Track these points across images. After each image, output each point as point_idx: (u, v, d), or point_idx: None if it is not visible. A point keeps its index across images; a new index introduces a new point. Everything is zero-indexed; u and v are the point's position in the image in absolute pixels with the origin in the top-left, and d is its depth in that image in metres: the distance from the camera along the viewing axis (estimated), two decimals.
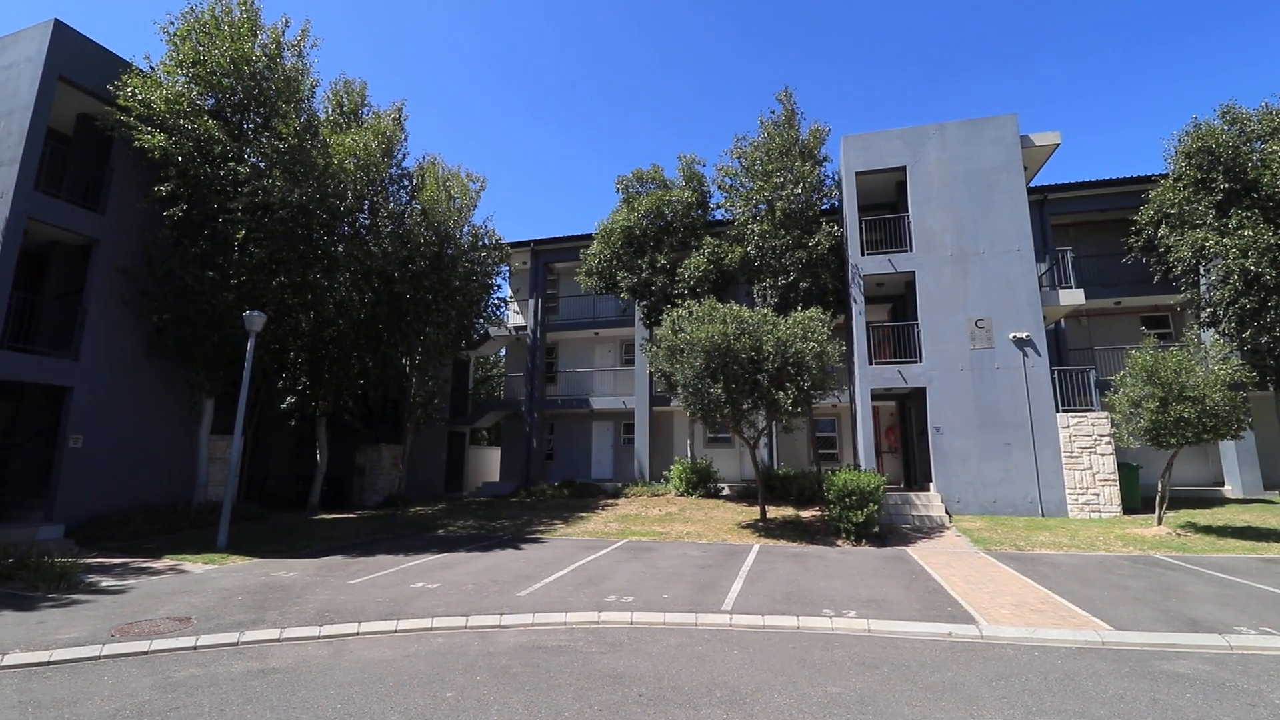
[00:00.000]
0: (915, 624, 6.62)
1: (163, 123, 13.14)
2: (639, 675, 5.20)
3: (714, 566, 9.72)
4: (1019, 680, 5.10)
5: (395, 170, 18.55)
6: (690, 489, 17.89)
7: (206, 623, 6.71)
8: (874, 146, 16.96)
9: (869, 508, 11.75)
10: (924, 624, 6.62)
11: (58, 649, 5.78)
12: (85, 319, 12.94)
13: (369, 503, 19.71)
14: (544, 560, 10.34)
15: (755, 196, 17.58)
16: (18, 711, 4.49)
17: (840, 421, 20.82)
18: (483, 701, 4.63)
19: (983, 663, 5.55)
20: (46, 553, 9.59)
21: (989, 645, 6.09)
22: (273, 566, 10.02)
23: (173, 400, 14.46)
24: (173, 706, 4.57)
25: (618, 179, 20.35)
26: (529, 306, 23.90)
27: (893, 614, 7.00)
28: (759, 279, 17.69)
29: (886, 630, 6.51)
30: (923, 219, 16.13)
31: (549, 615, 6.97)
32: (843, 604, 7.42)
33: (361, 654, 5.83)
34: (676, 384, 13.18)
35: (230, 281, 13.70)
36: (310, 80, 15.55)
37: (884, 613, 7.04)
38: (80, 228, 13.02)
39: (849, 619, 6.79)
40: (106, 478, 12.99)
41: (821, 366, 12.81)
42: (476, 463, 29.38)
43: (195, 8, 14.13)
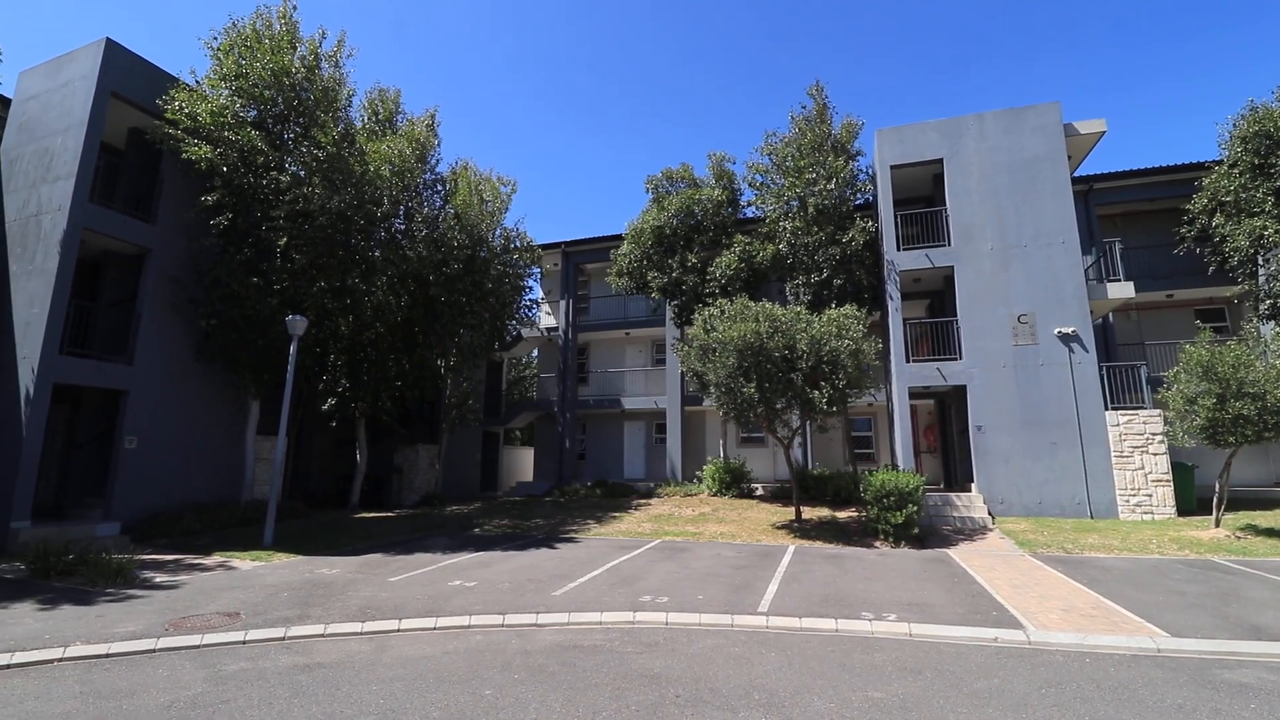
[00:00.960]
0: (959, 628, 6.45)
1: (208, 135, 13.61)
2: (676, 676, 5.17)
3: (749, 567, 9.63)
4: (1070, 688, 4.92)
5: (429, 176, 18.89)
6: (723, 489, 17.78)
7: (254, 618, 6.92)
8: (909, 139, 16.59)
9: (908, 509, 11.49)
10: (968, 628, 6.44)
11: (115, 642, 6.02)
12: (139, 325, 13.49)
13: (407, 502, 20.10)
14: (578, 560, 10.39)
15: (787, 193, 17.37)
16: (80, 702, 4.70)
17: (877, 421, 20.44)
18: (521, 700, 4.67)
19: (1031, 669, 5.37)
20: (104, 549, 10.02)
21: (1037, 651, 5.89)
22: (316, 564, 10.29)
23: (220, 403, 14.97)
24: (223, 699, 4.72)
25: (647, 179, 20.36)
26: (560, 307, 24.07)
27: (935, 618, 6.82)
28: (791, 276, 17.47)
29: (929, 634, 6.36)
30: (961, 212, 15.72)
31: (584, 615, 6.99)
32: (882, 607, 7.27)
33: (403, 650, 5.93)
34: (709, 383, 13.10)
35: (273, 287, 14.12)
36: (347, 90, 15.96)
37: (926, 616, 6.87)
38: (133, 237, 13.57)
39: (889, 622, 6.64)
40: (159, 477, 13.51)
41: (857, 364, 12.58)
42: (510, 463, 29.72)
43: (237, 23, 14.60)
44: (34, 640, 6.05)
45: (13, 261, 12.77)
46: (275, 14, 14.90)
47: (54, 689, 4.97)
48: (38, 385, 11.66)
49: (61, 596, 7.87)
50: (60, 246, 12.15)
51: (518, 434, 35.19)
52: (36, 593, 8.07)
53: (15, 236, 12.93)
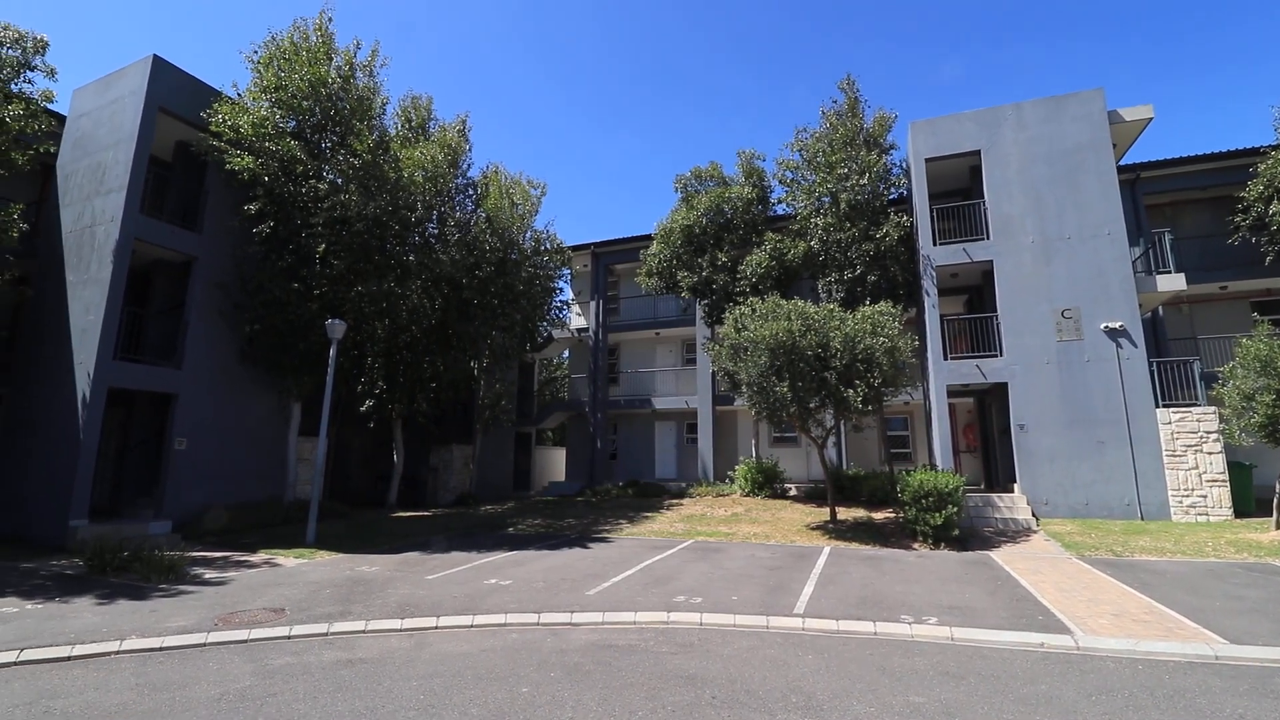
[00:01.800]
0: (1003, 633, 6.27)
1: (250, 146, 14.05)
2: (711, 677, 5.14)
3: (783, 568, 9.52)
4: (1122, 695, 4.74)
5: (461, 180, 19.17)
6: (756, 489, 17.63)
7: (299, 614, 7.11)
8: (944, 131, 16.22)
9: (947, 510, 11.22)
10: (1013, 633, 6.26)
11: (168, 636, 6.25)
12: (186, 330, 14.00)
13: (442, 501, 20.43)
14: (611, 559, 10.42)
15: (818, 189, 17.14)
16: (135, 693, 4.89)
17: (913, 420, 20.03)
18: (557, 698, 4.70)
19: (1080, 675, 5.19)
20: (157, 546, 10.41)
21: (1086, 657, 5.69)
22: (356, 561, 10.53)
23: (264, 405, 15.43)
24: (270, 693, 4.86)
25: (676, 178, 20.31)
26: (590, 308, 24.18)
27: (977, 621, 6.65)
28: (824, 274, 17.23)
29: (971, 639, 6.19)
30: (1000, 204, 15.29)
31: (619, 614, 7.00)
32: (922, 610, 7.11)
33: (440, 647, 6.03)
34: (740, 383, 13.01)
35: (313, 292, 14.50)
36: (381, 98, 16.32)
37: (968, 620, 6.70)
38: (180, 246, 14.10)
39: (930, 626, 6.49)
40: (207, 477, 13.99)
41: (893, 362, 12.34)
42: (543, 463, 29.97)
43: (276, 36, 15.05)
44: (93, 633, 6.32)
45: (69, 271, 13.38)
46: (312, 26, 15.32)
47: (111, 680, 5.18)
48: (93, 390, 12.19)
49: (117, 592, 8.21)
50: (113, 256, 12.67)
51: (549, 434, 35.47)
52: (95, 588, 8.43)
53: (71, 247, 13.54)
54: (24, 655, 5.67)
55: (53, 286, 13.51)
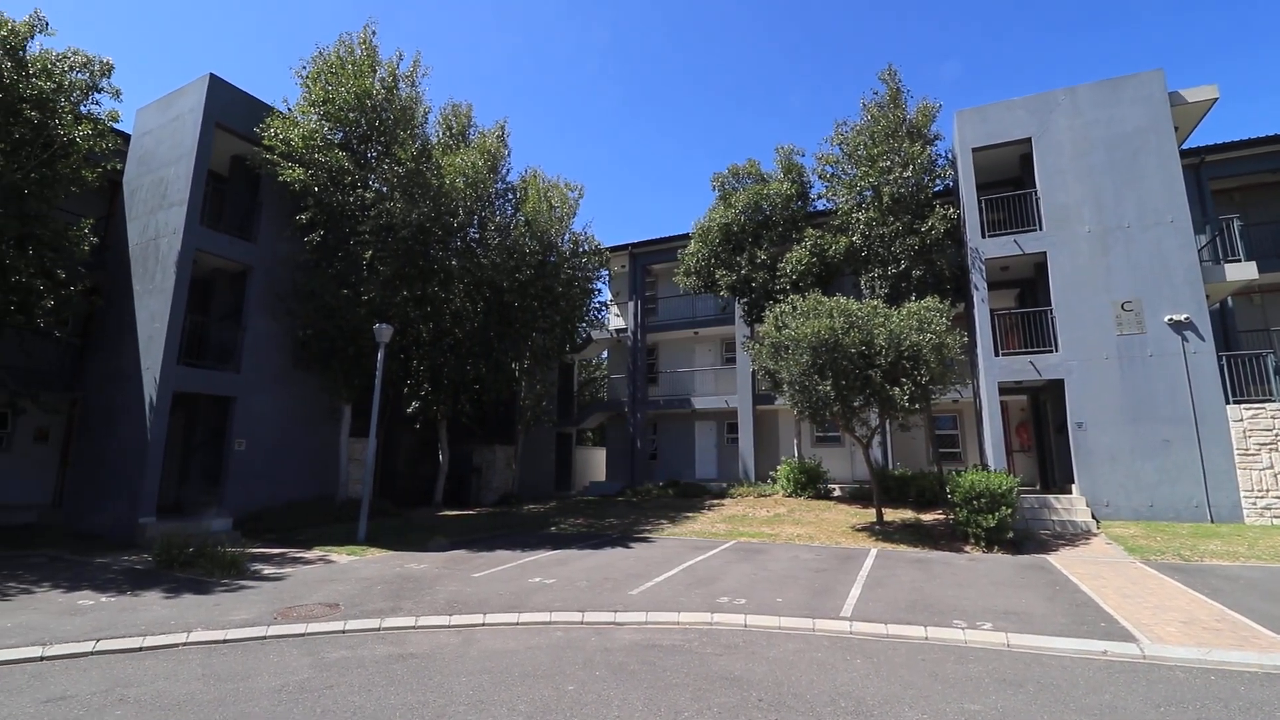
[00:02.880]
0: (1063, 639, 6.03)
1: (301, 158, 14.58)
2: (757, 680, 5.09)
3: (829, 570, 9.36)
4: (1193, 707, 4.49)
5: (500, 185, 19.49)
6: (799, 490, 17.38)
7: (352, 609, 7.34)
8: (992, 119, 15.67)
9: (1001, 511, 10.85)
10: (1073, 640, 6.01)
11: (231, 629, 6.53)
12: (244, 336, 14.62)
13: (486, 500, 20.79)
14: (653, 559, 10.42)
15: (859, 183, 16.80)
16: (202, 683, 5.12)
17: (963, 418, 19.43)
18: (603, 697, 4.72)
19: (1147, 685, 4.95)
20: (219, 543, 10.87)
21: (1153, 666, 5.42)
22: (405, 559, 10.81)
23: (316, 407, 15.99)
24: (328, 685, 5.03)
25: (714, 176, 20.19)
26: (629, 309, 24.25)
27: (1035, 627, 6.41)
28: (866, 269, 16.87)
29: (1029, 645, 5.97)
30: (1053, 193, 14.70)
31: (662, 614, 7.00)
32: (976, 615, 6.89)
33: (488, 644, 6.13)
34: (781, 382, 12.85)
35: (361, 298, 14.96)
36: (423, 107, 16.73)
37: (1025, 626, 6.46)
38: (237, 256, 14.72)
39: (984, 631, 6.29)
40: (264, 476, 14.57)
41: (940, 359, 12.00)
42: (583, 463, 30.20)
43: (323, 51, 15.58)
44: (162, 625, 6.65)
45: (136, 281, 14.12)
46: (357, 40, 15.81)
47: (180, 670, 5.44)
48: (159, 393, 12.84)
49: (183, 586, 8.62)
50: (176, 267, 13.32)
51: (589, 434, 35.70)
52: (162, 582, 8.87)
53: (138, 259, 14.29)
54: (100, 645, 6.01)
55: (121, 296, 14.28)
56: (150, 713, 4.50)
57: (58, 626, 6.57)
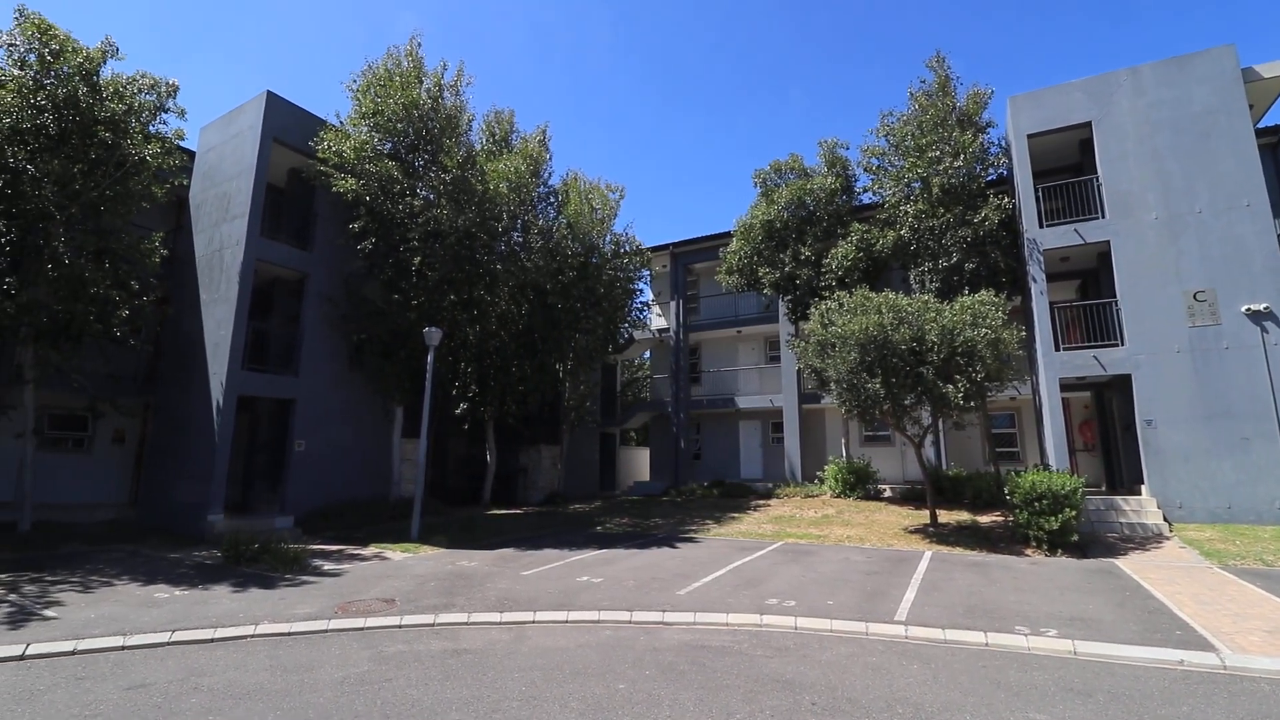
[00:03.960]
0: (1134, 648, 5.74)
1: (353, 169, 15.07)
2: (809, 683, 5.01)
3: (881, 573, 9.14)
4: None
5: (543, 189, 19.74)
6: (847, 490, 17.03)
7: (408, 605, 7.55)
8: (1048, 104, 15.02)
9: (1065, 513, 10.38)
10: (1146, 648, 5.71)
11: (295, 622, 6.81)
12: (301, 341, 15.22)
13: (532, 500, 21.09)
14: (700, 560, 10.38)
15: (907, 174, 16.34)
16: (269, 674, 5.35)
17: (1021, 416, 18.67)
18: (654, 696, 4.72)
19: (1228, 698, 4.66)
20: (281, 540, 11.36)
21: (1234, 678, 5.10)
22: (456, 556, 11.05)
23: (370, 409, 16.52)
24: (386, 678, 5.19)
25: (755, 172, 19.97)
26: (670, 308, 24.22)
27: (1104, 635, 6.12)
28: (916, 263, 16.40)
29: (1098, 653, 5.71)
30: (1116, 179, 13.99)
31: (710, 615, 6.96)
32: (1039, 621, 6.62)
33: (538, 641, 6.22)
34: (828, 380, 12.62)
35: (411, 303, 15.38)
36: (467, 115, 17.08)
37: (1093, 633, 6.17)
38: (295, 265, 15.34)
39: (1049, 638, 6.04)
40: (322, 476, 15.13)
41: (996, 355, 11.56)
42: (627, 462, 30.31)
43: (372, 65, 16.09)
44: (231, 618, 6.97)
45: (203, 291, 14.86)
46: (404, 52, 16.26)
47: (248, 661, 5.70)
48: (225, 397, 13.48)
49: (250, 580, 9.02)
50: (239, 276, 13.96)
51: (633, 434, 35.83)
52: (230, 577, 9.30)
53: (204, 270, 15.04)
54: (175, 636, 6.35)
55: (189, 305, 15.06)
56: (223, 701, 4.72)
57: (136, 617, 6.96)
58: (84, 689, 4.95)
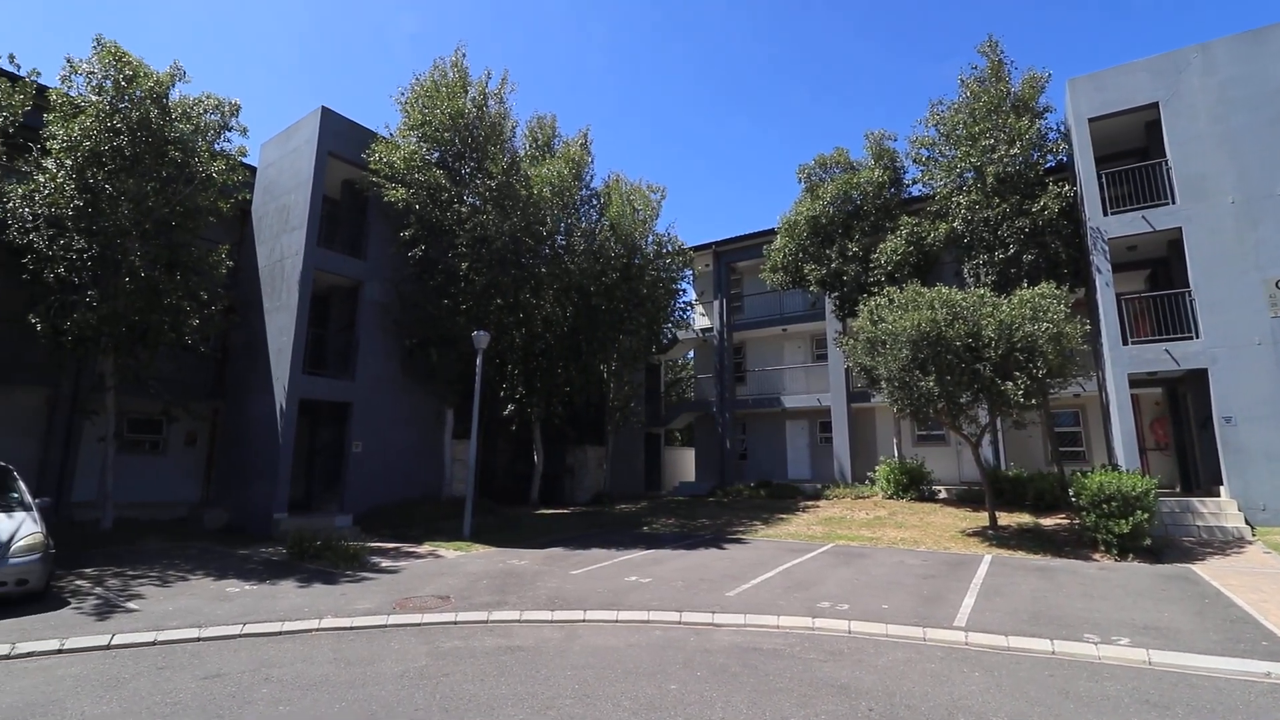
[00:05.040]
0: (1215, 659, 5.41)
1: (403, 178, 15.54)
2: (865, 688, 4.90)
3: (938, 577, 8.87)
4: None
5: (585, 192, 19.95)
6: (900, 491, 16.59)
7: (462, 601, 7.73)
8: (1111, 85, 14.29)
9: (1136, 516, 9.85)
10: (1228, 659, 5.39)
11: (356, 617, 7.05)
12: (357, 346, 15.76)
13: (579, 499, 21.30)
14: (748, 561, 10.28)
15: (959, 164, 15.80)
16: (334, 666, 5.56)
17: (1086, 414, 17.81)
18: (706, 698, 4.71)
19: None
20: (341, 537, 11.79)
21: None
22: (507, 555, 11.25)
23: (422, 411, 16.98)
24: (444, 672, 5.32)
25: (799, 167, 19.65)
26: (714, 308, 24.08)
27: (1182, 644, 5.79)
28: (970, 256, 15.84)
29: (1175, 663, 5.40)
30: (1187, 162, 13.21)
31: (760, 617, 6.89)
32: (1109, 629, 6.31)
33: (589, 640, 6.27)
34: (879, 378, 12.32)
35: (460, 307, 15.74)
36: (511, 122, 17.41)
37: (1169, 642, 5.85)
38: (350, 273, 15.91)
39: (1120, 647, 5.75)
40: (378, 476, 15.63)
41: (1059, 350, 11.07)
42: (672, 463, 30.27)
43: (419, 77, 16.56)
44: (297, 612, 7.27)
45: (265, 299, 15.56)
46: (449, 63, 16.68)
47: (314, 654, 5.93)
48: (288, 401, 14.08)
49: (313, 576, 9.39)
50: (299, 285, 14.56)
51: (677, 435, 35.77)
52: (295, 573, 9.70)
53: (266, 279, 15.74)
54: (246, 629, 6.66)
55: (253, 313, 15.79)
56: (292, 692, 4.93)
57: (210, 610, 7.34)
58: (164, 678, 5.25)
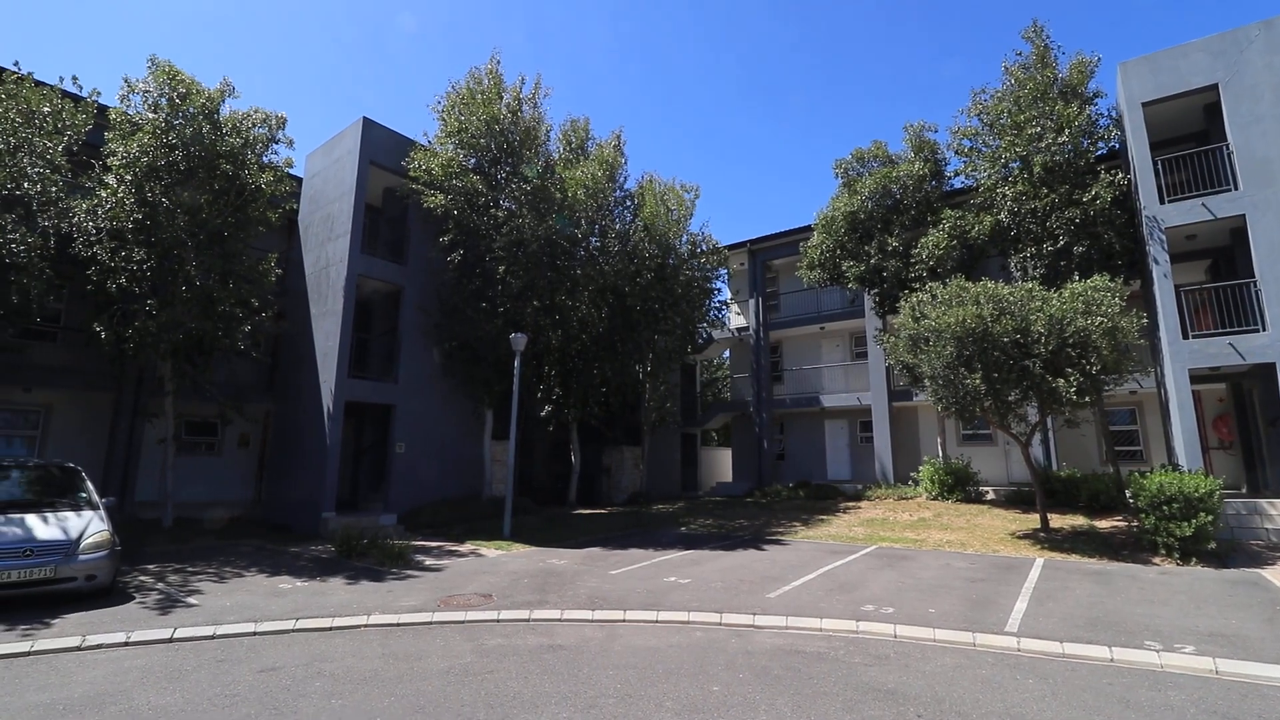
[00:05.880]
0: None
1: (441, 185, 15.85)
2: (914, 694, 4.78)
3: (987, 581, 8.61)
4: None
5: (619, 193, 19.99)
6: (945, 492, 16.16)
7: (503, 600, 7.84)
8: (1166, 68, 13.65)
9: (1199, 518, 9.39)
10: None
11: (403, 613, 7.21)
12: (399, 350, 16.14)
13: (616, 500, 21.37)
14: (788, 563, 10.15)
15: (1004, 154, 15.30)
16: (382, 662, 5.70)
17: (1143, 411, 17.05)
18: (749, 700, 4.66)
19: None
20: (386, 536, 12.09)
21: None
22: (546, 554, 11.36)
23: (462, 412, 17.28)
24: (488, 670, 5.40)
25: (836, 162, 19.34)
26: (749, 307, 23.87)
27: (1252, 653, 5.49)
28: (1016, 249, 15.33)
29: (1244, 673, 5.13)
30: (1251, 146, 12.52)
31: (803, 620, 6.80)
32: (1173, 636, 6.02)
33: (630, 640, 6.28)
34: (922, 376, 12.03)
35: (497, 310, 15.97)
36: (545, 126, 17.57)
37: (1238, 651, 5.55)
38: (391, 278, 16.30)
39: (1185, 655, 5.48)
40: (420, 476, 15.97)
41: (1114, 345, 10.62)
42: (709, 463, 30.11)
43: (455, 85, 16.86)
44: (346, 608, 7.48)
45: (312, 305, 16.06)
46: (484, 71, 16.93)
47: (363, 649, 6.09)
48: (334, 403, 14.50)
49: (360, 574, 9.64)
50: (343, 291, 14.98)
51: (714, 435, 35.57)
52: (343, 570, 9.98)
53: (313, 286, 16.25)
54: (299, 624, 6.87)
55: (301, 319, 16.32)
56: (344, 685, 5.07)
57: (265, 606, 7.60)
58: (223, 670, 5.46)
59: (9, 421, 13.94)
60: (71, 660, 5.72)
